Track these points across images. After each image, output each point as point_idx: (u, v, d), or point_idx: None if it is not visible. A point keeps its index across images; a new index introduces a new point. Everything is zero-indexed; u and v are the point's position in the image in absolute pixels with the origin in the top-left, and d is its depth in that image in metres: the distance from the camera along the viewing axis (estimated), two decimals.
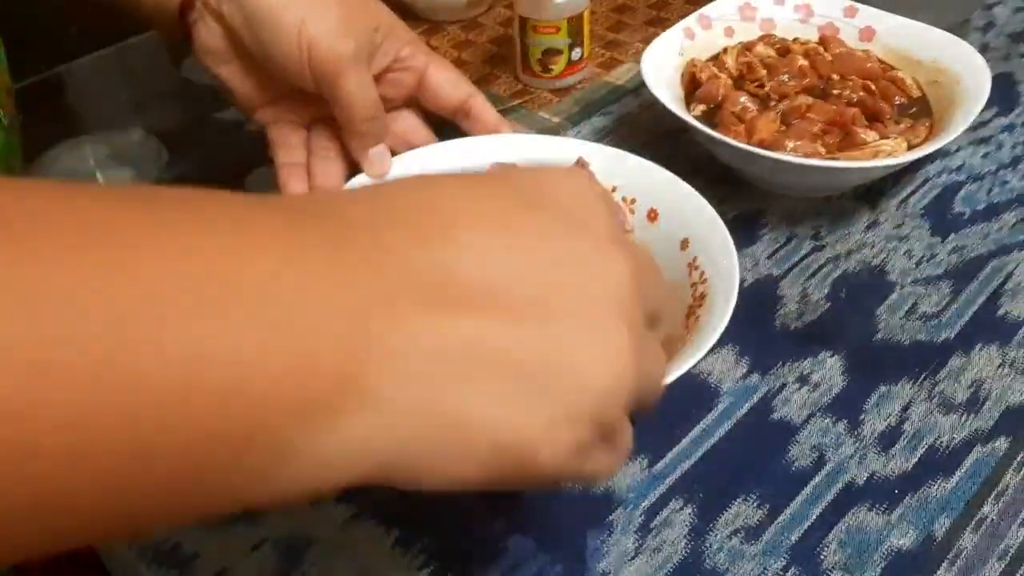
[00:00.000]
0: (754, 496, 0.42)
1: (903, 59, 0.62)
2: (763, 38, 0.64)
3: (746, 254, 0.55)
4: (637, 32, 0.79)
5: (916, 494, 0.42)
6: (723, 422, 0.45)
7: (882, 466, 0.43)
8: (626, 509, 0.42)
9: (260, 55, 0.47)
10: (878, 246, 0.55)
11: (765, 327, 0.50)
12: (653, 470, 0.43)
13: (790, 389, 0.47)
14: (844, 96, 0.58)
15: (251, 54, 0.48)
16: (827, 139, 0.55)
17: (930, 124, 0.57)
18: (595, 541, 0.40)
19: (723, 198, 0.59)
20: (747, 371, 0.48)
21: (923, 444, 0.44)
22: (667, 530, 0.41)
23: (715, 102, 0.59)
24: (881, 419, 0.45)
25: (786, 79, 0.60)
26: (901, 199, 0.59)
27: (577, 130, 0.66)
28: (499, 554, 0.40)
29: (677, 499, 0.42)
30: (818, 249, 0.55)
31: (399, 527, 0.41)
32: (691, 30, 0.63)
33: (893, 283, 0.53)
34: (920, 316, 0.51)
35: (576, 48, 0.69)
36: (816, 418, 0.46)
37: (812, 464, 0.43)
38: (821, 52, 0.62)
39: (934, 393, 0.47)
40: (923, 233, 0.56)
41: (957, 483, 0.42)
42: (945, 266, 0.54)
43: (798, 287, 0.53)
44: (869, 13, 0.64)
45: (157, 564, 0.40)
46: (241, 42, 0.48)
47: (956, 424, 0.45)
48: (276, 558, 0.40)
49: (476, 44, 0.78)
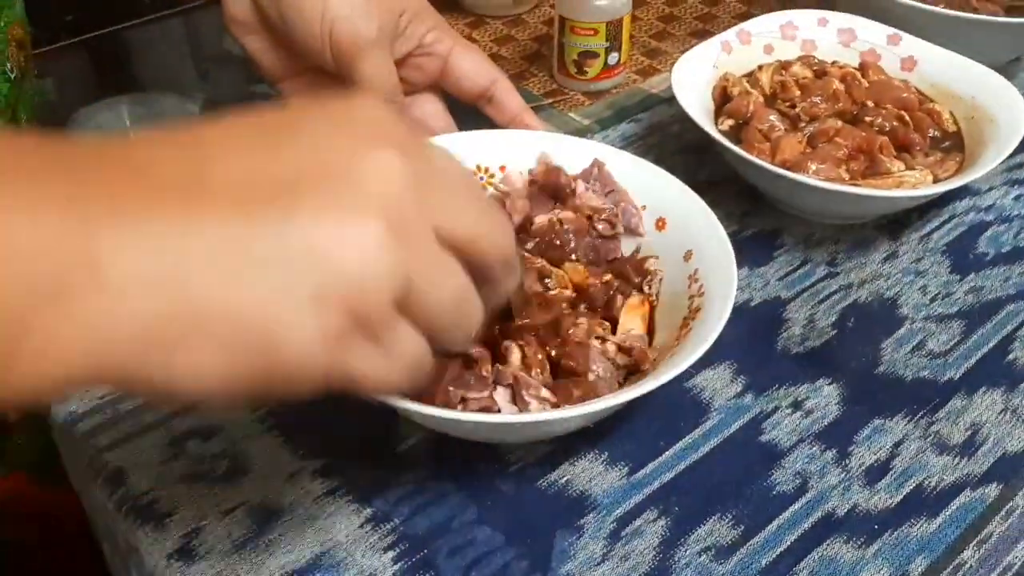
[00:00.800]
0: (730, 515, 0.42)
1: (942, 92, 0.61)
2: (801, 58, 0.63)
3: (758, 273, 0.54)
4: (680, 42, 0.78)
5: (896, 532, 0.41)
6: (710, 438, 0.45)
7: (865, 500, 0.42)
8: (599, 514, 0.41)
9: (283, 29, 0.48)
10: (893, 278, 0.54)
11: (766, 348, 0.50)
12: (632, 478, 0.43)
13: (783, 413, 0.46)
14: (876, 124, 0.57)
15: (275, 27, 0.49)
16: (852, 165, 0.54)
17: (961, 160, 0.56)
18: (564, 542, 0.40)
19: (744, 214, 0.59)
20: (742, 390, 0.47)
21: (911, 482, 0.43)
22: (637, 539, 0.41)
23: (743, 118, 0.58)
24: (871, 452, 0.45)
25: (818, 101, 0.59)
26: (924, 233, 0.58)
27: (605, 134, 0.66)
28: (468, 544, 0.40)
29: (652, 510, 0.42)
30: (832, 275, 0.54)
31: (372, 506, 0.42)
32: (729, 44, 0.62)
33: (904, 317, 0.52)
34: (927, 353, 0.50)
35: (613, 52, 0.69)
36: (804, 444, 0.45)
37: (794, 490, 0.43)
38: (858, 77, 0.61)
39: (929, 432, 0.46)
40: (942, 270, 0.55)
41: (940, 526, 0.42)
42: (960, 305, 0.53)
43: (806, 311, 0.52)
44: (912, 43, 0.63)
45: (133, 517, 0.41)
46: (266, 14, 0.48)
47: (948, 465, 0.44)
48: (248, 523, 0.41)
49: (517, 40, 0.78)
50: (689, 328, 0.41)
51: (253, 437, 0.44)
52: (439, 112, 0.54)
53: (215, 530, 0.40)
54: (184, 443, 0.44)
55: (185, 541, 0.40)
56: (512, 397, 0.41)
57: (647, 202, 0.49)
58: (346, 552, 0.40)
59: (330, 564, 0.39)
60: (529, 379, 0.40)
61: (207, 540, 0.40)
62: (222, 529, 0.40)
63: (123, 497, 0.42)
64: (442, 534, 0.40)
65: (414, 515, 0.41)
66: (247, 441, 0.44)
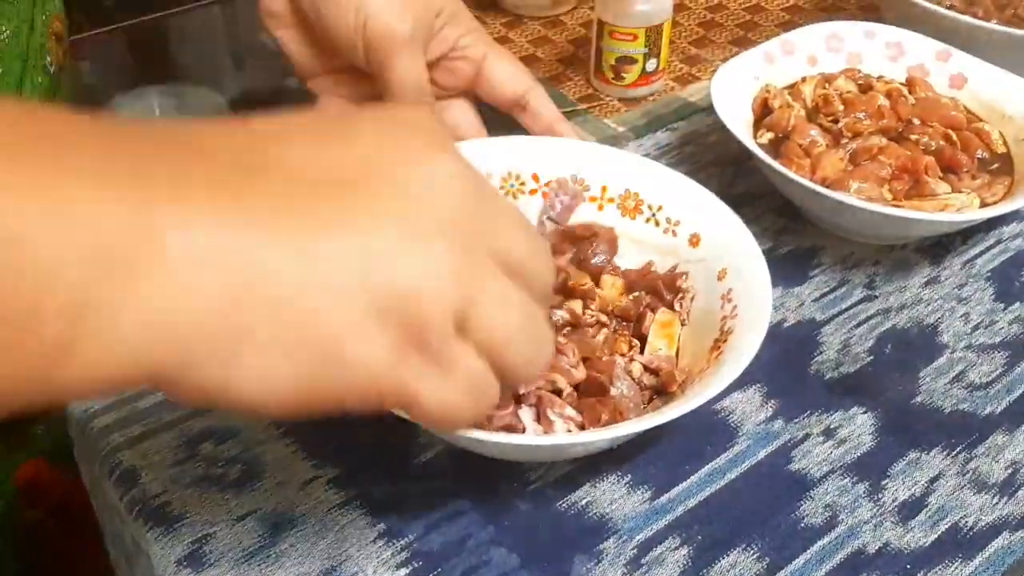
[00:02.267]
0: (755, 547, 0.40)
1: (993, 112, 0.59)
2: (846, 71, 0.61)
3: (792, 293, 0.53)
4: (720, 50, 0.76)
5: (929, 573, 0.39)
6: (736, 465, 0.43)
7: (898, 537, 0.41)
8: (619, 539, 0.40)
9: (317, 24, 0.47)
10: (934, 304, 0.52)
11: (799, 373, 0.48)
12: (654, 503, 0.42)
13: (813, 441, 0.45)
14: (922, 143, 0.55)
15: (310, 22, 0.48)
16: (895, 185, 0.52)
17: (1010, 183, 0.54)
18: (581, 568, 0.39)
19: (780, 230, 0.57)
20: (771, 416, 0.46)
21: (946, 520, 0.42)
22: (657, 568, 0.39)
23: (783, 131, 0.56)
24: (906, 487, 0.43)
25: (862, 117, 0.57)
26: (968, 258, 0.56)
27: (639, 143, 0.64)
28: (482, 564, 0.39)
29: (674, 537, 0.40)
30: (869, 299, 0.53)
31: (386, 521, 0.41)
32: (771, 54, 0.61)
33: (944, 345, 0.50)
34: (967, 385, 0.48)
35: (652, 59, 0.67)
36: (836, 476, 0.43)
37: (823, 523, 0.41)
38: (904, 94, 0.59)
39: (967, 468, 0.44)
40: (985, 297, 0.53)
41: (976, 568, 0.40)
42: (1003, 335, 0.51)
43: (841, 335, 0.50)
44: (963, 59, 0.61)
45: (144, 519, 0.40)
46: (301, 8, 0.48)
47: (986, 505, 0.42)
48: (259, 532, 0.40)
49: (554, 42, 0.77)
50: (720, 351, 0.40)
51: (268, 442, 0.43)
52: (470, 119, 0.53)
53: (225, 537, 0.40)
54: (198, 445, 0.43)
55: (195, 547, 0.39)
56: (536, 416, 0.39)
57: (681, 217, 0.47)
58: (358, 567, 0.39)
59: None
60: (554, 398, 0.39)
61: (217, 547, 0.39)
62: (232, 537, 0.40)
63: (134, 498, 0.41)
64: (456, 553, 0.39)
65: (429, 532, 0.40)
66: (262, 446, 0.43)
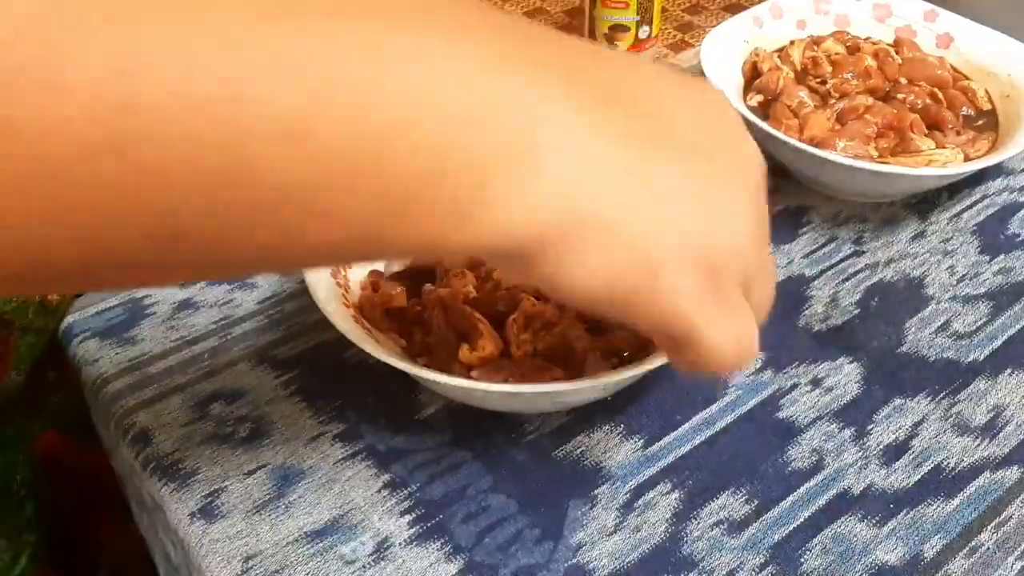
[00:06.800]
0: (744, 490, 0.42)
1: (978, 70, 0.60)
2: (834, 34, 0.62)
3: (782, 251, 0.54)
4: (714, 16, 0.77)
5: (912, 511, 0.41)
6: (726, 414, 0.45)
7: (882, 479, 0.42)
8: (612, 485, 0.42)
9: None
10: (920, 258, 0.54)
11: (787, 326, 0.50)
12: (647, 451, 0.43)
13: (801, 390, 0.46)
14: (908, 101, 0.57)
15: None
16: (881, 143, 0.54)
17: (994, 139, 0.55)
18: (576, 512, 0.41)
19: (771, 190, 0.57)
20: (761, 367, 0.47)
21: (929, 463, 0.43)
22: (650, 511, 0.41)
23: (772, 94, 0.58)
24: (890, 432, 0.44)
25: (850, 78, 0.58)
26: (954, 213, 0.57)
27: None
28: (482, 511, 0.41)
29: (665, 483, 0.42)
30: (857, 254, 0.54)
31: (390, 471, 0.42)
32: (760, 19, 0.62)
33: (930, 297, 0.51)
34: (951, 334, 0.49)
35: (644, 26, 0.69)
36: (822, 422, 0.45)
37: (809, 467, 0.43)
38: (892, 54, 0.60)
39: (951, 413, 0.45)
40: (971, 250, 0.54)
41: (957, 506, 0.41)
42: (988, 287, 0.52)
43: (829, 289, 0.52)
44: (950, 19, 0.62)
45: (159, 476, 0.42)
46: None
47: (968, 447, 0.44)
48: (269, 485, 0.42)
49: (549, 13, 0.78)
50: None
51: (276, 401, 0.45)
52: None
53: (237, 490, 0.41)
54: (209, 406, 0.45)
55: (208, 500, 0.41)
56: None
57: None
58: (363, 515, 0.41)
59: (347, 526, 0.40)
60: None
61: (229, 500, 0.41)
62: (243, 490, 0.41)
63: (148, 457, 0.43)
64: (457, 500, 0.41)
65: (431, 481, 0.42)
66: (270, 405, 0.45)
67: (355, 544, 0.39)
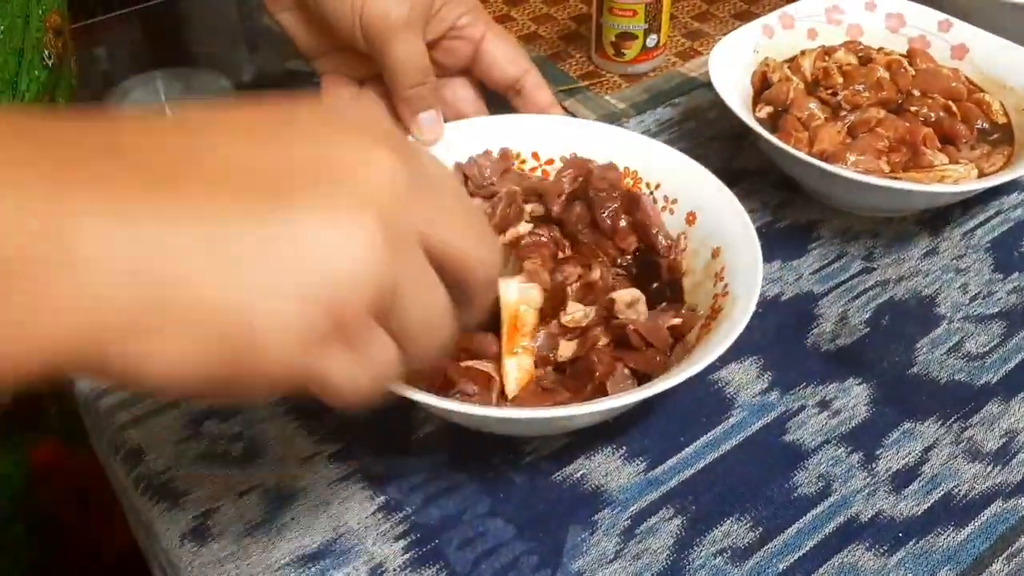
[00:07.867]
0: (748, 517, 0.41)
1: (993, 82, 0.58)
2: (846, 44, 0.61)
3: (790, 266, 0.53)
4: (722, 24, 0.76)
5: (921, 541, 0.40)
6: (731, 436, 0.44)
7: (891, 506, 0.41)
8: (613, 510, 0.41)
9: (316, 9, 0.48)
10: (932, 275, 0.52)
11: (795, 345, 0.48)
12: (649, 475, 0.42)
13: (809, 412, 0.45)
14: (921, 114, 0.55)
15: (308, 6, 0.48)
16: (893, 157, 0.52)
17: (1009, 153, 0.54)
18: (576, 538, 0.40)
19: (779, 204, 0.57)
20: (767, 387, 0.46)
21: (939, 489, 0.42)
22: (651, 538, 0.40)
23: (782, 105, 0.56)
24: (899, 457, 0.43)
25: (862, 89, 0.57)
26: (967, 229, 0.55)
27: (640, 119, 0.64)
28: (478, 536, 0.40)
29: (668, 508, 0.41)
30: (867, 271, 0.53)
31: (385, 493, 0.41)
32: (770, 28, 0.61)
33: (941, 316, 0.50)
34: (963, 355, 0.48)
35: (652, 34, 0.67)
36: (830, 446, 0.44)
37: (816, 493, 0.42)
38: (905, 65, 0.59)
39: (962, 438, 0.44)
40: (984, 268, 0.53)
41: (968, 536, 0.40)
42: (1001, 306, 0.51)
43: (838, 307, 0.50)
44: (964, 30, 0.60)
45: (150, 495, 0.41)
46: None
47: (980, 474, 0.43)
48: (262, 506, 0.41)
49: (556, 20, 0.77)
50: (710, 329, 0.40)
51: (270, 420, 0.44)
52: (471, 97, 0.53)
53: (229, 512, 0.41)
54: (202, 423, 0.44)
55: (199, 522, 0.40)
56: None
57: (678, 195, 0.47)
58: (357, 539, 0.40)
59: (341, 550, 0.39)
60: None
61: (220, 521, 0.40)
62: (236, 511, 0.41)
63: (140, 475, 0.42)
64: (453, 525, 0.40)
65: (427, 505, 0.41)
66: (264, 424, 0.44)
67: (348, 570, 0.38)
